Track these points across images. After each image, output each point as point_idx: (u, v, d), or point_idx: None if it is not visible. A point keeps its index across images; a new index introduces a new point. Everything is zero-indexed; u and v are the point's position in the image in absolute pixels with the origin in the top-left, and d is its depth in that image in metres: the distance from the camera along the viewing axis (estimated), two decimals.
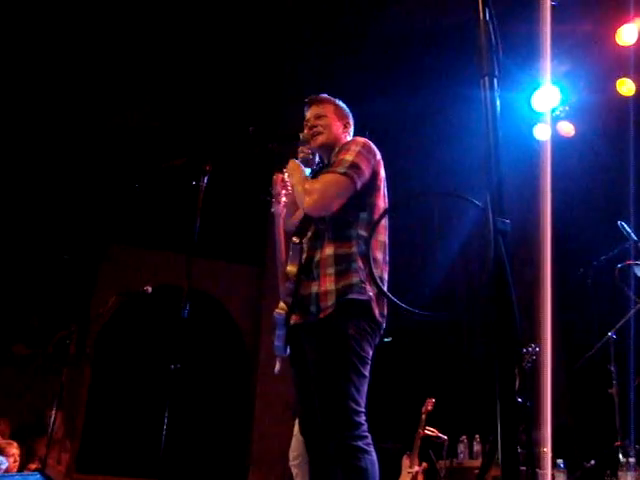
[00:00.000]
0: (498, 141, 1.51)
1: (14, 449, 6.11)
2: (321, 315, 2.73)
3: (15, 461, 6.01)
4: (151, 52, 7.83)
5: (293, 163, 3.00)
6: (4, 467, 5.43)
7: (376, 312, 2.77)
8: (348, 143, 2.95)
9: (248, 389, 8.83)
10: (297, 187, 2.86)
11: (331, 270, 2.75)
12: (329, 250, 2.79)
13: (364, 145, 2.90)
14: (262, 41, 7.90)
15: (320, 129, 3.03)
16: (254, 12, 7.55)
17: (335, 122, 3.07)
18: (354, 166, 2.80)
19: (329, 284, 2.74)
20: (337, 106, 3.13)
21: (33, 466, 6.40)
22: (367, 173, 2.84)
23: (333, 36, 7.87)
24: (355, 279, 2.72)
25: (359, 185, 2.81)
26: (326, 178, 2.82)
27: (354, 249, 2.77)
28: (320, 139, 3.03)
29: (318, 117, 3.07)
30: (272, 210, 2.80)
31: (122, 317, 8.31)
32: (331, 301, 2.72)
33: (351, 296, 2.71)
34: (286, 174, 3.01)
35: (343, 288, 2.72)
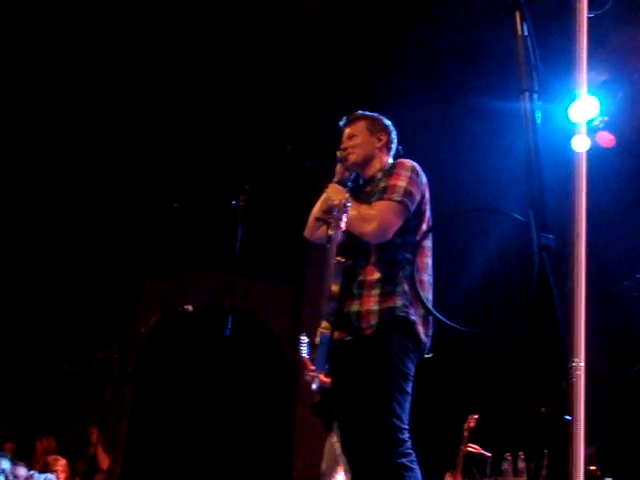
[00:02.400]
0: (539, 156, 1.51)
1: (59, 466, 6.23)
2: (363, 333, 2.74)
3: (57, 477, 6.12)
4: (188, 73, 7.95)
5: (335, 187, 3.00)
6: None
7: (420, 332, 2.77)
8: (397, 167, 2.94)
9: (289, 405, 8.83)
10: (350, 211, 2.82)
11: (376, 292, 2.76)
12: (375, 273, 2.79)
13: (413, 170, 2.91)
14: (298, 58, 7.96)
15: (350, 150, 3.06)
16: (289, 30, 7.62)
17: (367, 138, 3.09)
18: (408, 193, 2.83)
19: (373, 305, 2.75)
20: (370, 121, 3.14)
21: None
22: (417, 198, 2.87)
23: (369, 49, 7.90)
24: (399, 302, 2.72)
25: (412, 211, 2.84)
26: (382, 205, 2.82)
27: (400, 272, 2.78)
28: (351, 159, 3.06)
29: (350, 137, 3.10)
30: (329, 233, 2.79)
31: (164, 336, 8.39)
32: (374, 321, 2.73)
33: (395, 314, 2.71)
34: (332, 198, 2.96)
35: (387, 309, 2.73)
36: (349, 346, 2.78)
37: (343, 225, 2.72)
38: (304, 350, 4.45)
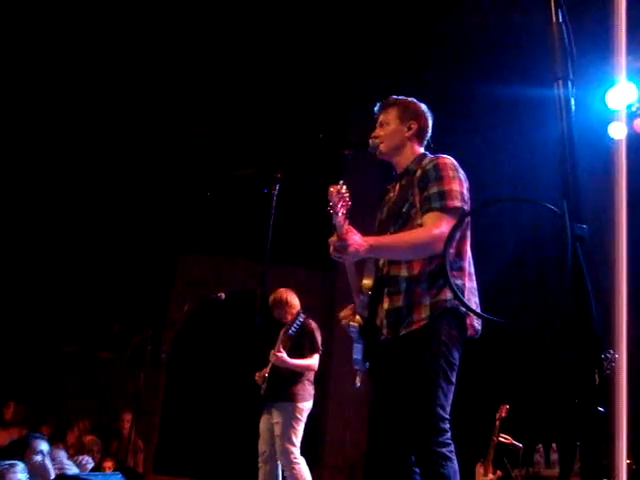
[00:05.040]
0: (574, 146, 1.49)
1: (95, 446, 6.40)
2: (414, 326, 2.73)
3: (94, 458, 6.28)
4: (220, 61, 7.97)
5: (371, 242, 2.70)
6: (90, 467, 5.64)
7: (471, 322, 2.78)
8: (440, 168, 2.85)
9: (321, 393, 8.86)
10: (407, 239, 2.76)
11: (425, 285, 2.75)
12: (421, 266, 2.77)
13: (456, 169, 2.88)
14: (330, 47, 7.93)
15: (379, 140, 3.04)
16: (323, 20, 7.60)
17: (397, 127, 3.05)
18: (463, 196, 2.81)
19: (424, 298, 2.74)
20: (403, 108, 3.08)
21: (109, 464, 6.63)
22: (467, 196, 2.86)
23: (400, 37, 7.84)
24: (450, 295, 2.71)
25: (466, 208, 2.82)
26: (440, 216, 2.76)
27: (449, 265, 2.73)
28: (381, 148, 3.04)
29: (381, 125, 3.08)
30: (333, 222, 2.73)
31: (196, 323, 8.46)
32: (425, 314, 2.72)
33: (446, 306, 2.71)
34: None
35: (438, 302, 2.72)
36: (398, 341, 2.77)
37: (341, 211, 2.61)
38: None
